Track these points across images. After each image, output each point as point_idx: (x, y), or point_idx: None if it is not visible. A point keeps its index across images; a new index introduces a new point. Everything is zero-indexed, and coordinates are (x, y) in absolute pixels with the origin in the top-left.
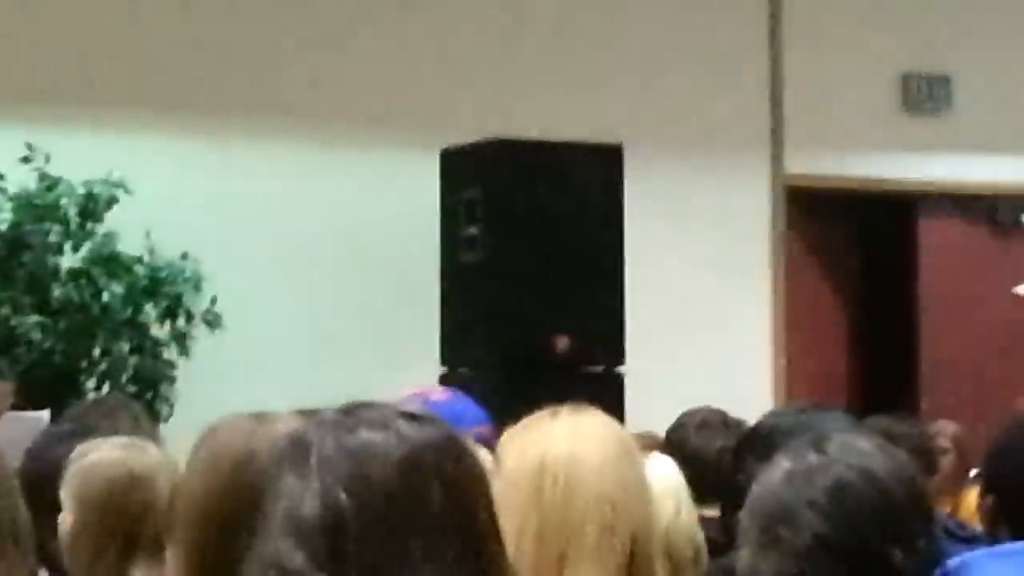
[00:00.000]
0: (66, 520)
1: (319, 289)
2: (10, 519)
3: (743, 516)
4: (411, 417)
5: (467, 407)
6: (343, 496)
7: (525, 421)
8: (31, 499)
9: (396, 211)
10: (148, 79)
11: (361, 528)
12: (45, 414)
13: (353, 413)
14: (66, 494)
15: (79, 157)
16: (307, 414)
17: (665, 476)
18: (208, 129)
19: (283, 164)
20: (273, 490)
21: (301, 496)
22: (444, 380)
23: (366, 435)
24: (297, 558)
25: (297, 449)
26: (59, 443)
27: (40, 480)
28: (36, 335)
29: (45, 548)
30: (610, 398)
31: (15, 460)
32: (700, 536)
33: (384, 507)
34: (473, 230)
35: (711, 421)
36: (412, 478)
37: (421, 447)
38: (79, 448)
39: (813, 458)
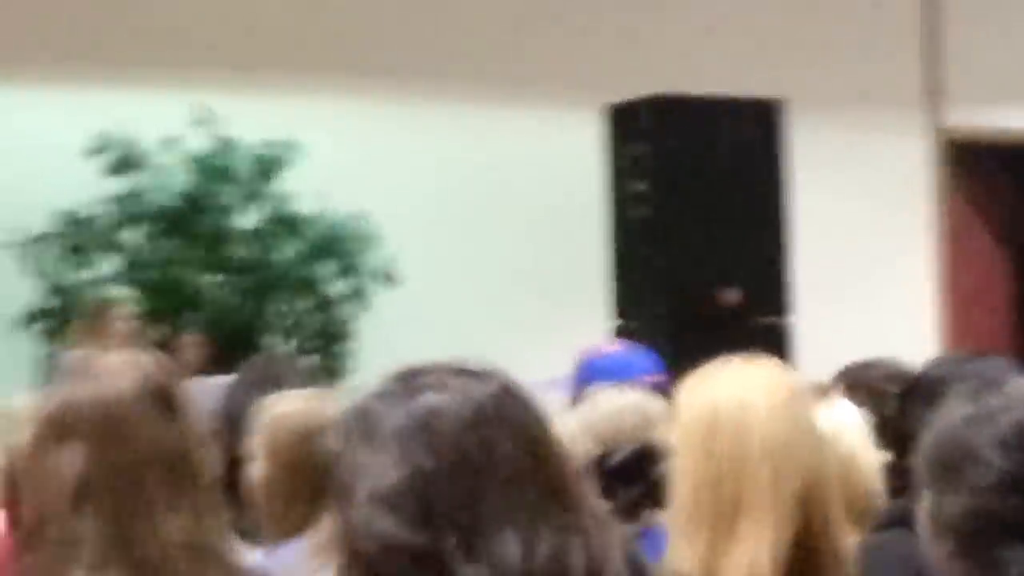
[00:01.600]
0: (257, 470)
1: (489, 245)
2: (207, 471)
3: (920, 459)
4: (468, 373)
5: (638, 358)
6: (421, 459)
7: (698, 371)
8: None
9: (560, 168)
10: (319, 43)
11: (444, 487)
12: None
13: (411, 379)
14: (256, 445)
15: (254, 120)
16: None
17: (841, 421)
18: (378, 90)
19: (451, 123)
20: (347, 464)
21: (380, 467)
22: (615, 334)
23: (430, 398)
24: (390, 525)
25: (364, 422)
26: (246, 396)
27: (230, 432)
28: (216, 293)
29: (234, 496)
30: (777, 349)
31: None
32: (877, 480)
33: (461, 463)
34: (640, 186)
35: (879, 369)
36: (482, 431)
37: (485, 400)
38: (266, 401)
39: (993, 400)
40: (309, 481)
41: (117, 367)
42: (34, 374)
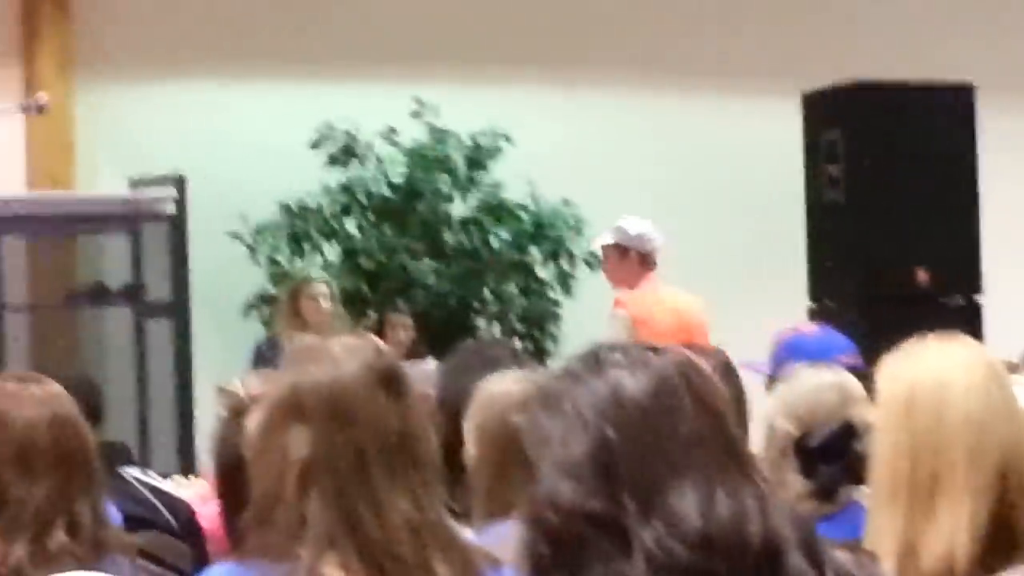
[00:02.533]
0: (470, 451)
1: (693, 229)
2: (429, 453)
3: None
4: (648, 349)
5: (835, 338)
6: (608, 430)
7: (897, 349)
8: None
9: (762, 154)
10: (529, 36)
11: (626, 457)
12: (432, 363)
13: (595, 357)
14: (469, 427)
15: (465, 111)
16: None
17: None
18: (585, 81)
19: (656, 112)
20: (534, 439)
21: (566, 440)
22: (812, 315)
23: (614, 373)
24: (571, 492)
25: (552, 399)
26: (462, 379)
27: (445, 415)
28: (431, 279)
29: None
30: (968, 328)
31: None
32: None
33: (645, 430)
34: (835, 170)
35: None
36: (664, 399)
37: (666, 370)
38: (480, 383)
39: None
40: (518, 461)
41: (343, 351)
42: (256, 358)
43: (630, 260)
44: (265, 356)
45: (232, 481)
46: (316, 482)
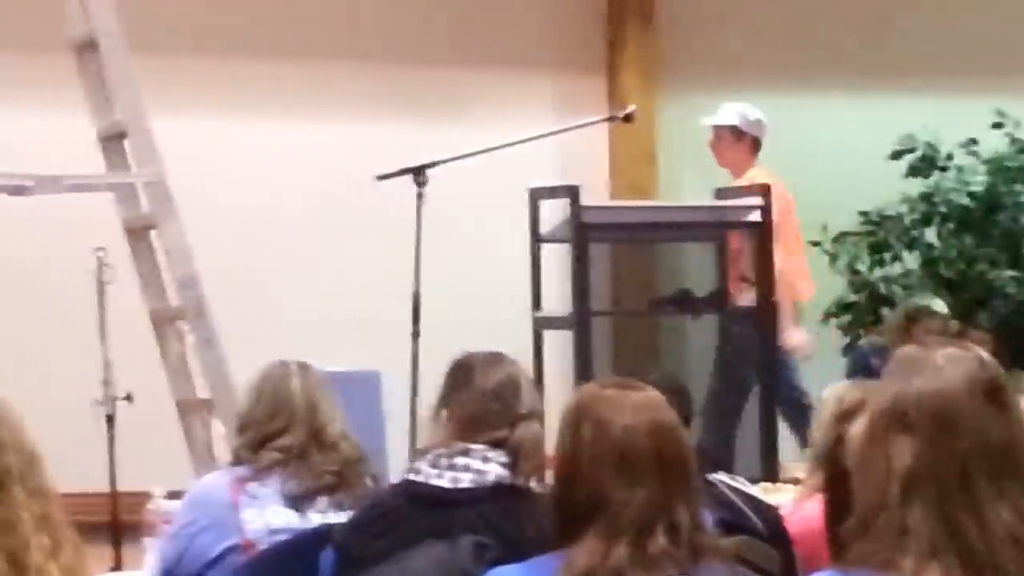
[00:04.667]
0: None
1: None
2: None
3: None
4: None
5: None
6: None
7: None
8: None
9: None
10: None
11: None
12: None
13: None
14: None
15: None
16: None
17: None
18: None
19: None
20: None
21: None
22: None
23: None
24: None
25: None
26: None
27: None
28: (1011, 289)
29: None
30: None
31: None
32: None
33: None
34: None
35: None
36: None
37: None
38: None
39: None
40: None
41: (946, 361)
42: (856, 363)
43: (744, 144)
44: (867, 362)
45: (836, 489)
46: (919, 492)
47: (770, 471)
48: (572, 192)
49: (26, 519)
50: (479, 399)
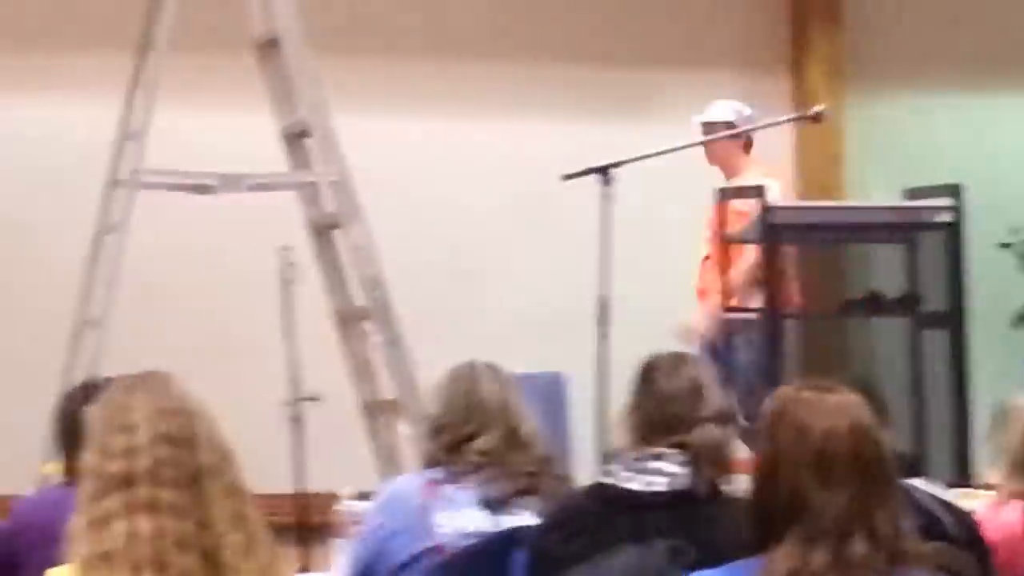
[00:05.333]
0: None
1: None
2: None
3: None
4: None
5: None
6: None
7: None
8: None
9: None
10: None
11: None
12: None
13: None
14: None
15: None
16: None
17: None
18: None
19: None
20: None
21: None
22: None
23: None
24: None
25: None
26: None
27: None
28: None
29: None
30: None
31: None
32: None
33: None
34: None
35: None
36: None
37: None
38: None
39: None
40: None
41: None
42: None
43: (738, 141)
44: None
45: None
46: None
47: (963, 476)
48: (760, 192)
49: (220, 517)
50: (660, 403)
